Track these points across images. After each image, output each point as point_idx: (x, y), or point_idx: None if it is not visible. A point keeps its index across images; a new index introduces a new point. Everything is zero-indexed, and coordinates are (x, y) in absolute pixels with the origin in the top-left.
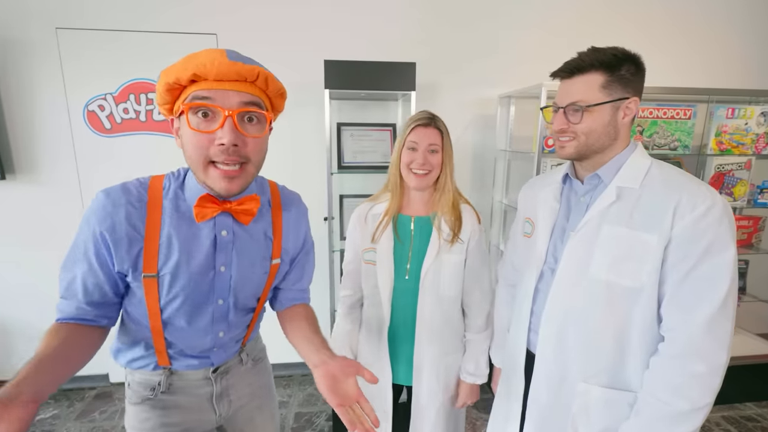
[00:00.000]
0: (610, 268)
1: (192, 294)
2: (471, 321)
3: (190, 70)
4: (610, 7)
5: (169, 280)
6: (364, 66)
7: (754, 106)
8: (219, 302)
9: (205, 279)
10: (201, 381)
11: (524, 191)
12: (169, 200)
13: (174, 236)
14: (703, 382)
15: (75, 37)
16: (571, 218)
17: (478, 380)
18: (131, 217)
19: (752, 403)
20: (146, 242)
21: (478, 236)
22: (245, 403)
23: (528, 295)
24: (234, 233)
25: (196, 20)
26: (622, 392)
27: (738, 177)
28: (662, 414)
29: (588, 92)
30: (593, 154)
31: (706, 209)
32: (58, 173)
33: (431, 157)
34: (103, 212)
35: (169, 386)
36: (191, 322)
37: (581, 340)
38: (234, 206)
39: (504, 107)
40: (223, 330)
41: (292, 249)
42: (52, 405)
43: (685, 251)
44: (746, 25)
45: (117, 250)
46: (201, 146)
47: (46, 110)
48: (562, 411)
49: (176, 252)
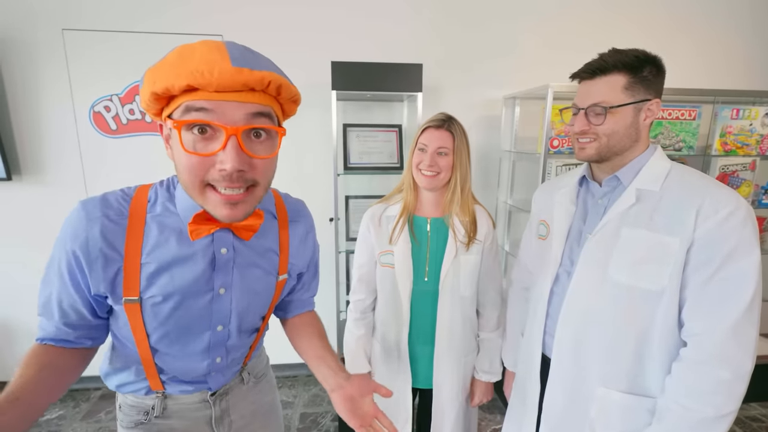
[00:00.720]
0: (629, 270)
1: (184, 320)
2: (485, 320)
3: (183, 78)
4: (612, 8)
5: (155, 305)
6: (372, 67)
7: (758, 107)
8: (218, 329)
9: (199, 303)
10: (198, 404)
11: (539, 193)
12: (154, 215)
13: (160, 256)
14: (728, 388)
15: (81, 38)
16: (588, 221)
17: (493, 378)
18: (107, 234)
19: (757, 403)
20: (126, 262)
21: (492, 237)
22: (248, 422)
23: (543, 298)
24: (235, 250)
25: (202, 21)
26: (641, 398)
27: (742, 178)
28: (686, 420)
29: (611, 93)
30: (613, 155)
31: (729, 212)
32: (63, 174)
33: (440, 159)
34: (77, 226)
35: (164, 410)
36: (184, 349)
37: (600, 343)
38: (235, 223)
39: (509, 108)
40: (220, 356)
41: (301, 264)
42: (57, 406)
43: (708, 254)
44: (750, 26)
45: (91, 271)
46: (197, 170)
47: (52, 111)
48: (579, 416)
49: (163, 273)
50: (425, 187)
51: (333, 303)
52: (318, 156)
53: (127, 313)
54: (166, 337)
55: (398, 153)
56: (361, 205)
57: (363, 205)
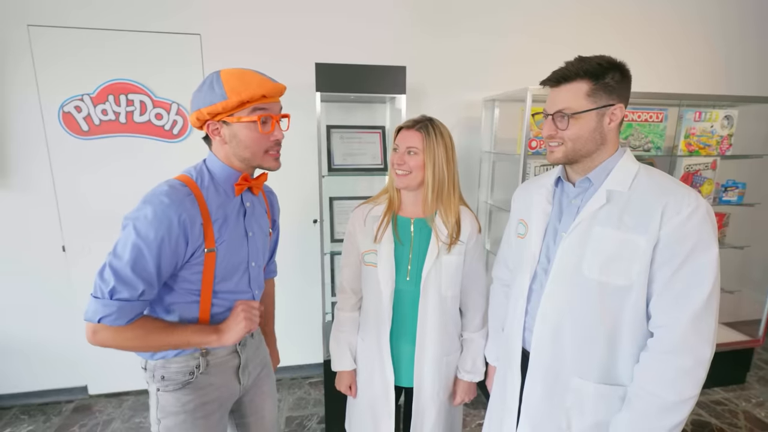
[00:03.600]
0: (601, 268)
1: (236, 259)
2: (468, 320)
3: (260, 91)
4: (590, 13)
5: (223, 249)
6: (356, 69)
7: (718, 110)
8: (252, 264)
9: (242, 244)
10: (229, 356)
11: (518, 193)
12: (206, 188)
13: (221, 213)
14: (691, 375)
15: (49, 34)
16: (563, 220)
17: (475, 378)
18: (191, 208)
19: (720, 388)
20: (204, 222)
21: (476, 238)
22: (258, 372)
23: (522, 295)
24: (252, 203)
25: (178, 19)
26: (613, 387)
27: (705, 176)
28: (653, 406)
29: (574, 100)
30: (581, 158)
31: (691, 212)
32: (30, 177)
33: (409, 158)
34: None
35: (207, 365)
36: (237, 285)
37: (575, 337)
38: (253, 182)
39: (488, 110)
40: (257, 288)
41: (274, 221)
42: (26, 421)
43: (672, 251)
44: (719, 32)
45: (191, 235)
46: (262, 142)
47: (17, 111)
48: (557, 406)
49: (224, 224)
50: (397, 186)
51: (318, 304)
52: (302, 157)
53: (205, 261)
54: (227, 275)
55: (382, 154)
56: (346, 206)
57: (347, 207)
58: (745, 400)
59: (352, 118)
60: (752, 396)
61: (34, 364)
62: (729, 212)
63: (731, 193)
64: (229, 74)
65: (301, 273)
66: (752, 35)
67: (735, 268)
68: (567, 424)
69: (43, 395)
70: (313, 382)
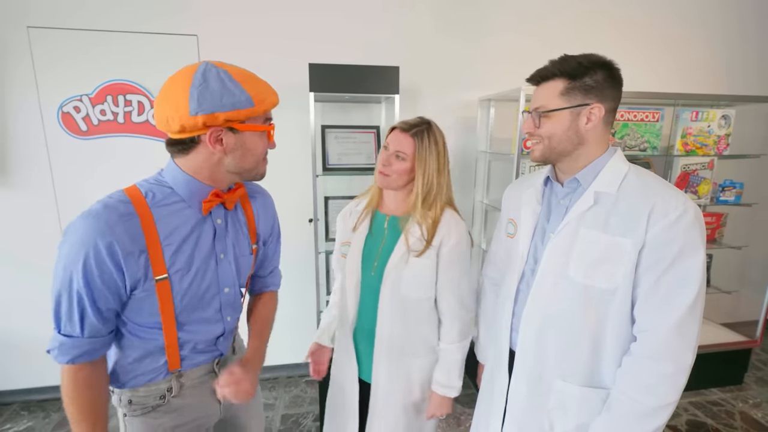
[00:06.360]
0: (586, 270)
1: (202, 286)
2: (445, 330)
3: (275, 101)
4: (588, 12)
5: (180, 278)
6: (349, 69)
7: (715, 110)
8: (225, 290)
9: (209, 268)
10: (206, 376)
11: (508, 192)
12: (157, 204)
13: (177, 234)
14: (671, 381)
15: (48, 36)
16: (551, 220)
17: (449, 393)
18: (129, 231)
19: (717, 388)
20: (149, 249)
21: (455, 242)
22: None
23: (510, 296)
24: (225, 221)
25: (176, 20)
26: (596, 390)
27: (702, 176)
28: (632, 411)
29: (548, 98)
30: (560, 157)
31: (678, 215)
32: (30, 177)
33: (395, 161)
34: (99, 234)
35: (180, 388)
36: (203, 314)
37: (559, 339)
38: (227, 196)
39: (484, 110)
40: (230, 315)
41: (263, 233)
42: (26, 417)
43: (658, 255)
44: (712, 31)
45: (127, 265)
46: (264, 150)
47: (17, 111)
48: (540, 407)
49: (181, 248)
50: (378, 185)
51: (313, 303)
52: (296, 157)
53: (158, 292)
54: (189, 306)
55: (376, 154)
56: (340, 205)
57: (342, 206)
58: (742, 400)
59: (348, 118)
60: (749, 397)
61: (35, 361)
62: (727, 212)
63: (729, 193)
64: (243, 76)
65: (295, 272)
66: (750, 34)
67: (733, 268)
68: (550, 425)
69: (43, 392)
70: (309, 381)
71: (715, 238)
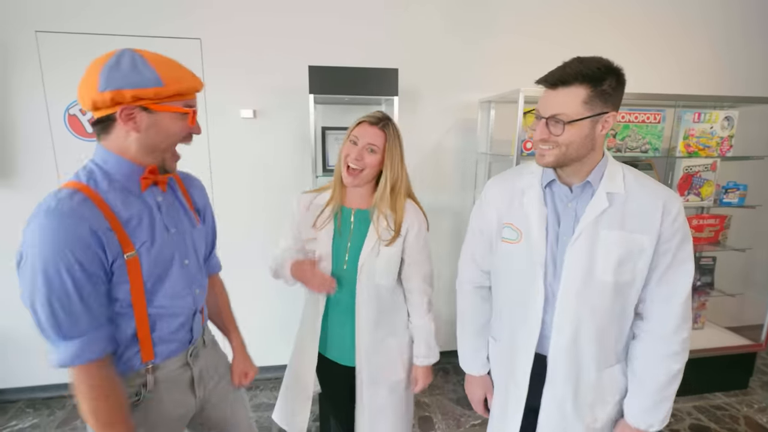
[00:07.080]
0: (614, 269)
1: (164, 258)
2: (415, 306)
3: (195, 87)
4: (588, 14)
5: (146, 251)
6: (348, 72)
7: (718, 111)
8: (185, 262)
9: (166, 241)
10: (180, 369)
11: (494, 192)
12: (105, 189)
13: (129, 213)
14: (684, 345)
15: (55, 40)
16: (563, 224)
17: (432, 359)
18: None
19: (721, 392)
20: (115, 230)
21: (417, 229)
22: (216, 382)
23: (535, 301)
24: (164, 198)
25: (179, 24)
26: (621, 364)
27: (705, 178)
28: (660, 382)
29: (570, 106)
30: (571, 162)
31: (678, 210)
32: (37, 178)
33: (367, 155)
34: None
35: (155, 382)
36: (173, 288)
37: (593, 336)
38: (161, 177)
39: (484, 111)
40: (198, 287)
41: (201, 208)
42: (31, 414)
43: (668, 246)
44: (715, 31)
45: (107, 247)
46: (182, 133)
47: (24, 113)
48: (580, 401)
49: (138, 224)
50: (346, 184)
51: None
52: (296, 159)
53: (129, 269)
54: (158, 279)
55: None
56: None
57: None
58: (747, 405)
59: (348, 120)
60: (754, 401)
61: (40, 359)
62: (731, 214)
63: (732, 194)
64: (158, 59)
65: None
66: (753, 34)
67: (737, 271)
68: (593, 418)
69: (47, 389)
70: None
71: (718, 240)
